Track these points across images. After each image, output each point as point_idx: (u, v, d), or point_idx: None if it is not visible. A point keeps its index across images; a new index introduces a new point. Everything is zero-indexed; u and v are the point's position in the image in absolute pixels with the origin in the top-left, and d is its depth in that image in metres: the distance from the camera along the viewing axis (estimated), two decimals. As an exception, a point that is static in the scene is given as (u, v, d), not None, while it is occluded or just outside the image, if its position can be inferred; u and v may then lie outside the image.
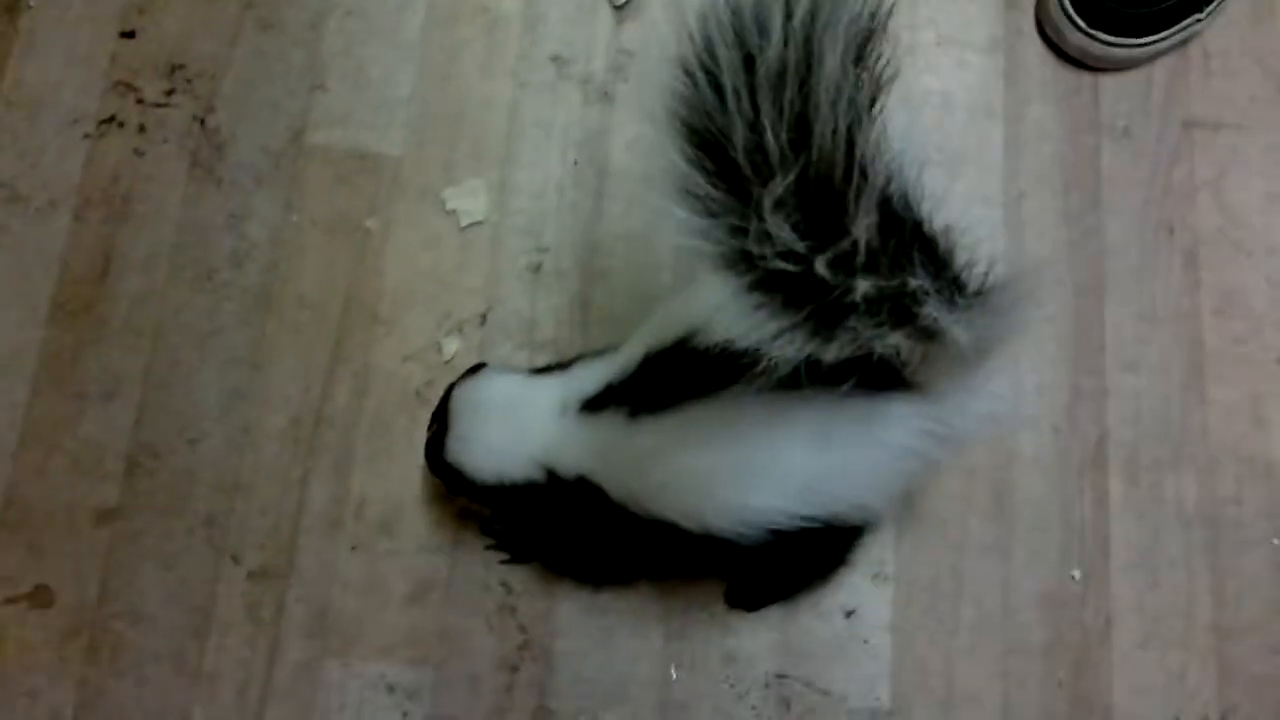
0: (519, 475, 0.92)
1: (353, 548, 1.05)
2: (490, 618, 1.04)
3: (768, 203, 0.65)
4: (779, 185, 0.65)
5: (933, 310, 0.70)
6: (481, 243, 1.13)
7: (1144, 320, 1.14)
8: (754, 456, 0.82)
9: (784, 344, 0.70)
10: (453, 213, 1.14)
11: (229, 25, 1.18)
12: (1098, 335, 1.13)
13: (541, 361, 1.09)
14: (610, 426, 0.86)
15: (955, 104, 1.19)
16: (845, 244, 0.67)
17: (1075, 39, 1.18)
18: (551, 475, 0.91)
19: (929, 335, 0.71)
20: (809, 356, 0.71)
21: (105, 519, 1.05)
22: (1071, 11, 1.18)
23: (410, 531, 1.05)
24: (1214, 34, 1.21)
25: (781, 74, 0.65)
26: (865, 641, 1.05)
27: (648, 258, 1.13)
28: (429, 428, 0.98)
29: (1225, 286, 1.15)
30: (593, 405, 0.88)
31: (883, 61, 0.67)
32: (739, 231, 0.67)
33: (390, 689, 1.02)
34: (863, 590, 1.06)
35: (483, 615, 1.04)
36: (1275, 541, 1.08)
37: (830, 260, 0.67)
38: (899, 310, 0.69)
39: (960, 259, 0.72)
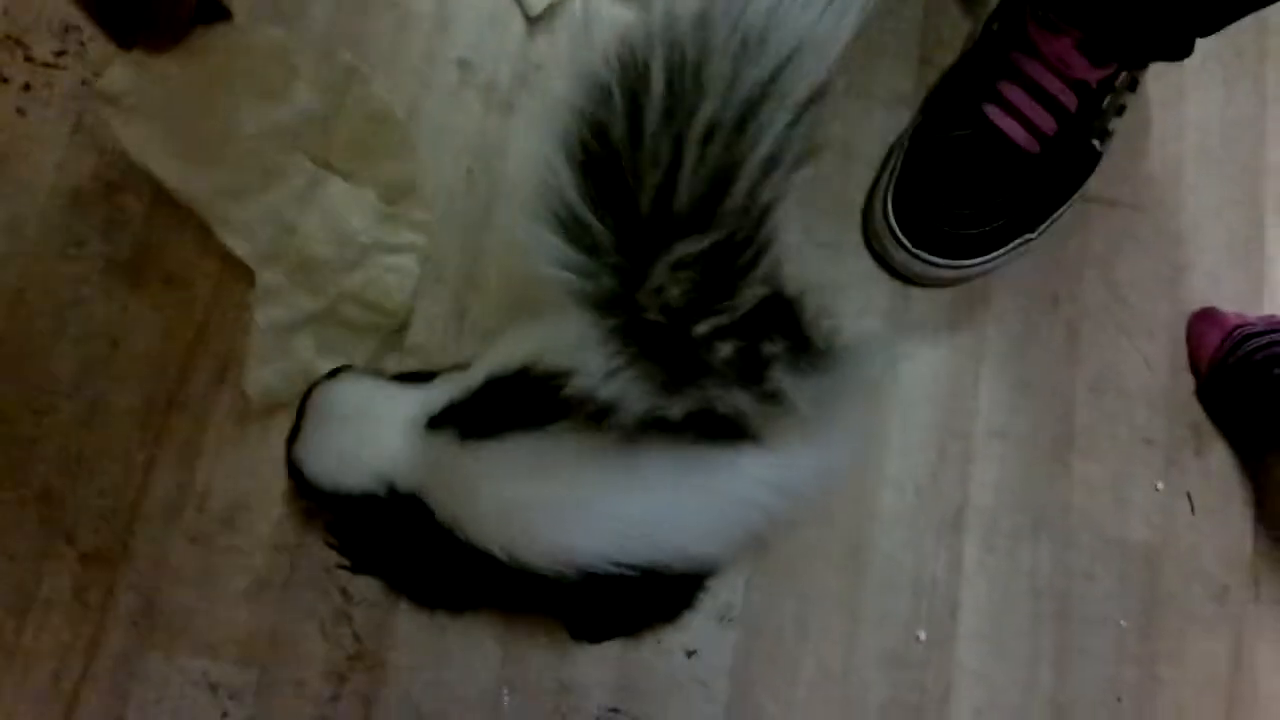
0: (358, 486, 0.90)
1: (191, 539, 1.02)
2: (325, 624, 1.01)
3: (666, 260, 0.64)
4: (686, 246, 0.64)
5: (780, 375, 0.70)
6: (363, 241, 1.11)
7: (1019, 389, 1.14)
8: (570, 496, 0.80)
9: (630, 394, 0.69)
10: (338, 207, 1.11)
11: (127, -9, 1.15)
12: (970, 400, 1.13)
13: (411, 366, 1.08)
14: (443, 446, 0.84)
15: (856, 154, 1.19)
16: (728, 310, 0.66)
17: (900, 257, 1.12)
18: (391, 490, 0.89)
19: (772, 398, 0.71)
20: (650, 410, 0.70)
21: (-62, 483, 1.02)
22: (897, 230, 1.12)
23: (252, 528, 1.03)
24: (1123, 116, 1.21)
25: (712, 130, 0.63)
26: (704, 684, 1.04)
27: (529, 274, 1.11)
28: (292, 426, 0.96)
29: (1103, 364, 1.16)
30: (434, 423, 0.87)
31: (815, 130, 0.65)
32: (618, 274, 0.66)
33: (213, 688, 1.00)
34: (707, 632, 1.05)
35: (317, 620, 1.01)
36: (1123, 623, 1.09)
37: (709, 324, 0.67)
38: (749, 373, 0.69)
39: (812, 320, 0.72)
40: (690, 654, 1.04)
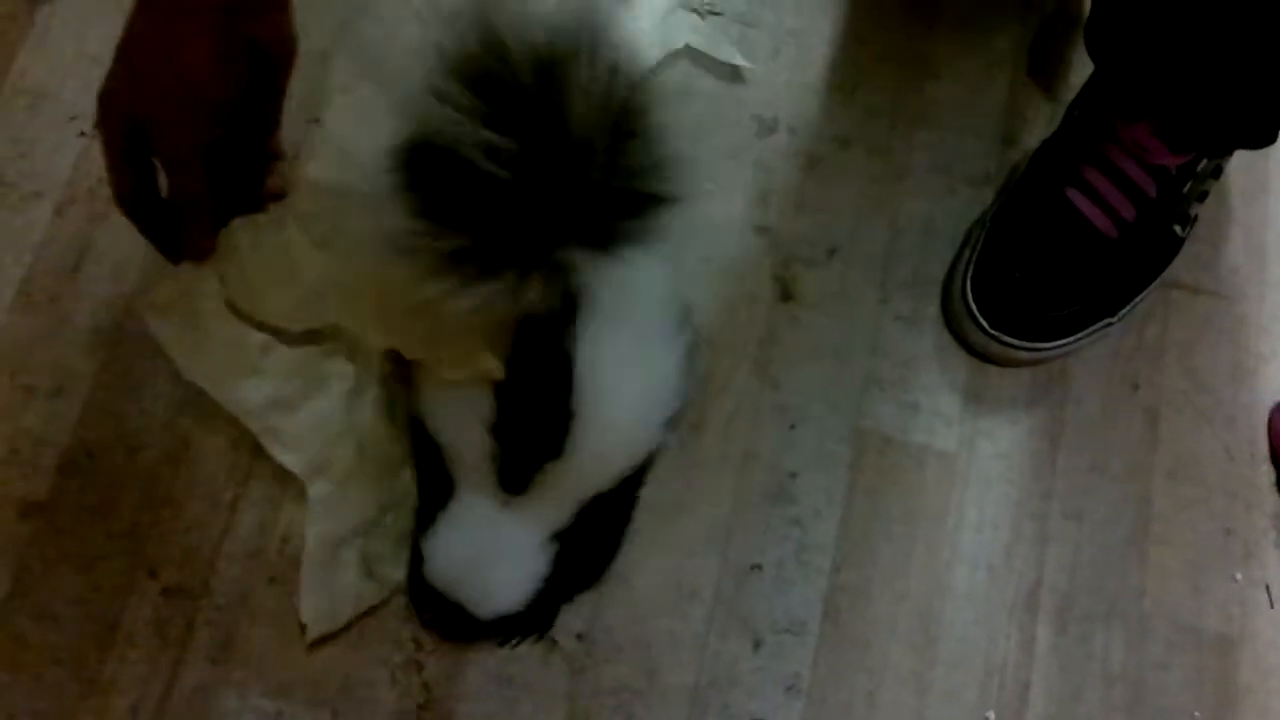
0: None
1: (271, 579, 1.04)
2: (396, 671, 1.02)
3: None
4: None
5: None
6: (453, 295, 1.14)
7: (1095, 472, 1.13)
8: None
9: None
10: (431, 261, 1.14)
11: (239, 47, 1.19)
12: (1047, 481, 1.12)
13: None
14: None
15: (937, 230, 1.20)
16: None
17: (977, 337, 1.13)
18: None
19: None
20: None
21: (31, 512, 1.04)
22: (975, 310, 1.12)
23: (331, 572, 1.04)
24: (1205, 202, 1.22)
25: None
26: (768, 753, 1.03)
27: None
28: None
29: (1182, 450, 1.15)
30: None
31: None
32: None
33: (283, 727, 1.01)
34: (775, 700, 1.04)
35: (388, 667, 1.02)
36: (1196, 714, 1.07)
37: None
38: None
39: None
40: (757, 722, 1.04)
